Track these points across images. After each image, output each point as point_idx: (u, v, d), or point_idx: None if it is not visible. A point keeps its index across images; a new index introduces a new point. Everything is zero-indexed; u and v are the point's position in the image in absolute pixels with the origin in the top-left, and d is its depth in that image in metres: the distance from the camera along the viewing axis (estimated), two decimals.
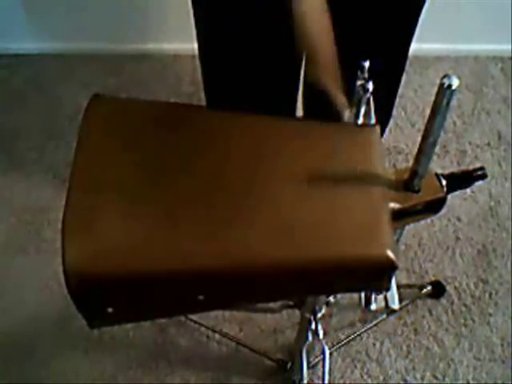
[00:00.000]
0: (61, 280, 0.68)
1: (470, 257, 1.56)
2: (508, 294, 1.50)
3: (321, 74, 0.74)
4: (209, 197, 0.76)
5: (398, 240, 0.97)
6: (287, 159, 0.80)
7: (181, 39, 1.81)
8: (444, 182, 0.83)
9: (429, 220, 1.55)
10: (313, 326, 1.13)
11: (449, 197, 0.83)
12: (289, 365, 1.35)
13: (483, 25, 1.85)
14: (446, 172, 0.85)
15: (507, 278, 1.52)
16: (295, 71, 1.21)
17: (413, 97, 1.86)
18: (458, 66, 1.94)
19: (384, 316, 1.42)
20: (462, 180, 0.85)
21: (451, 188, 0.83)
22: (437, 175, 0.83)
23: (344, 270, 0.74)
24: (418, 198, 0.81)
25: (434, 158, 1.68)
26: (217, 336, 1.42)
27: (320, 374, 1.34)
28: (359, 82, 0.84)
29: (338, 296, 1.41)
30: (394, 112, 1.39)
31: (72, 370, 1.39)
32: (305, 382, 1.28)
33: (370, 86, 0.83)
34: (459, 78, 0.66)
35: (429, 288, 1.48)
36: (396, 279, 0.87)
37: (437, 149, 0.78)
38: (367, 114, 0.87)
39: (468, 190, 1.65)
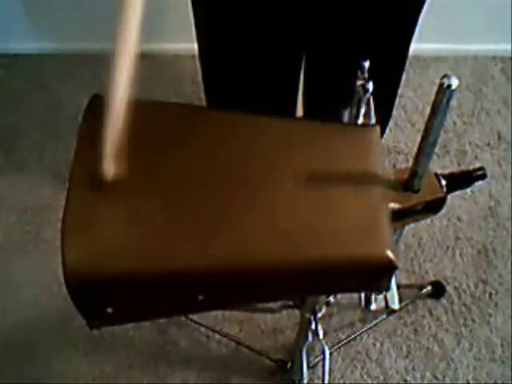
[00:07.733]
0: (61, 280, 0.68)
1: (469, 257, 1.56)
2: (508, 294, 1.50)
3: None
4: (208, 196, 0.76)
5: (397, 240, 0.97)
6: (286, 159, 0.80)
7: (181, 39, 1.81)
8: (444, 182, 0.83)
9: (429, 220, 1.55)
10: (313, 326, 1.13)
11: (449, 197, 0.83)
12: (289, 365, 1.35)
13: (483, 25, 1.85)
14: (446, 172, 0.85)
15: (507, 278, 1.52)
16: (295, 71, 1.21)
17: (413, 97, 1.86)
18: (457, 66, 1.94)
19: (384, 316, 1.42)
20: (461, 180, 0.85)
21: (451, 188, 0.83)
22: (437, 175, 0.83)
23: (343, 271, 0.74)
24: (417, 198, 0.81)
25: (434, 158, 1.68)
26: (217, 336, 1.42)
27: (320, 374, 1.34)
28: (359, 82, 0.84)
29: (338, 296, 1.41)
30: (394, 112, 1.38)
31: (72, 370, 1.39)
32: (305, 382, 1.28)
33: (370, 86, 0.83)
34: (459, 78, 0.66)
35: (429, 288, 1.48)
36: (396, 279, 0.87)
37: (437, 149, 0.78)
38: (367, 114, 0.87)
39: (468, 190, 1.65)
